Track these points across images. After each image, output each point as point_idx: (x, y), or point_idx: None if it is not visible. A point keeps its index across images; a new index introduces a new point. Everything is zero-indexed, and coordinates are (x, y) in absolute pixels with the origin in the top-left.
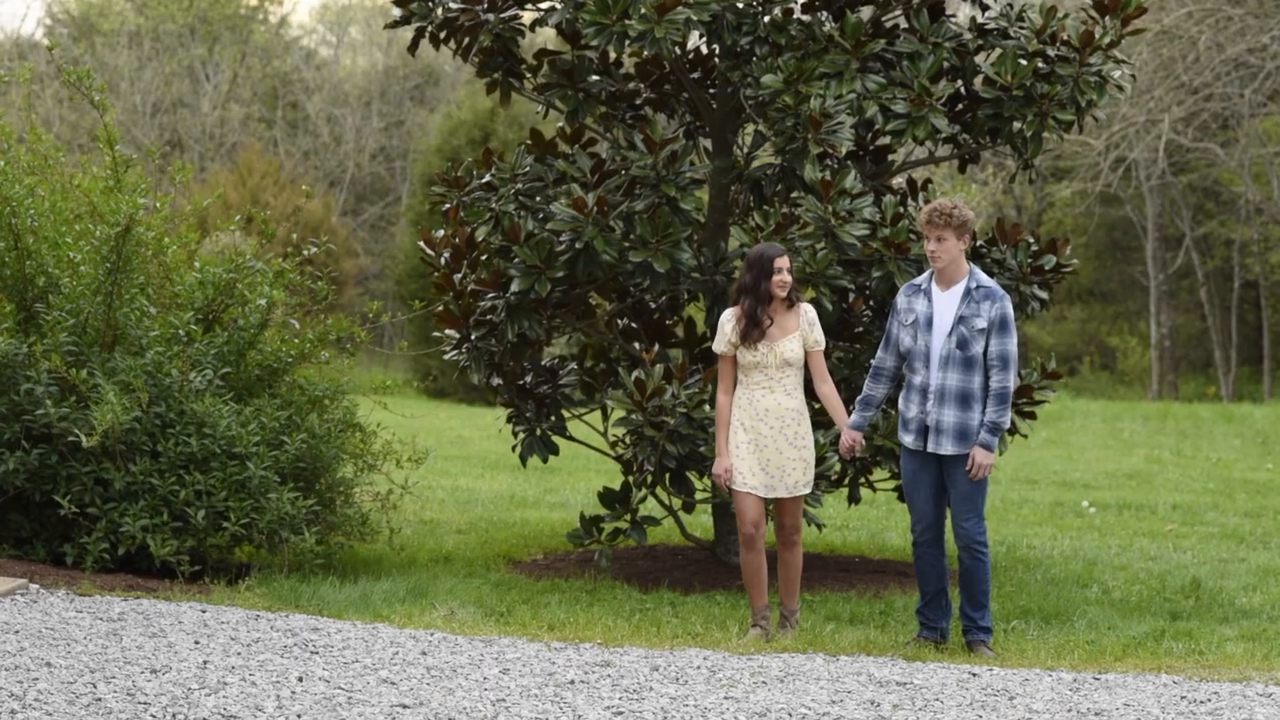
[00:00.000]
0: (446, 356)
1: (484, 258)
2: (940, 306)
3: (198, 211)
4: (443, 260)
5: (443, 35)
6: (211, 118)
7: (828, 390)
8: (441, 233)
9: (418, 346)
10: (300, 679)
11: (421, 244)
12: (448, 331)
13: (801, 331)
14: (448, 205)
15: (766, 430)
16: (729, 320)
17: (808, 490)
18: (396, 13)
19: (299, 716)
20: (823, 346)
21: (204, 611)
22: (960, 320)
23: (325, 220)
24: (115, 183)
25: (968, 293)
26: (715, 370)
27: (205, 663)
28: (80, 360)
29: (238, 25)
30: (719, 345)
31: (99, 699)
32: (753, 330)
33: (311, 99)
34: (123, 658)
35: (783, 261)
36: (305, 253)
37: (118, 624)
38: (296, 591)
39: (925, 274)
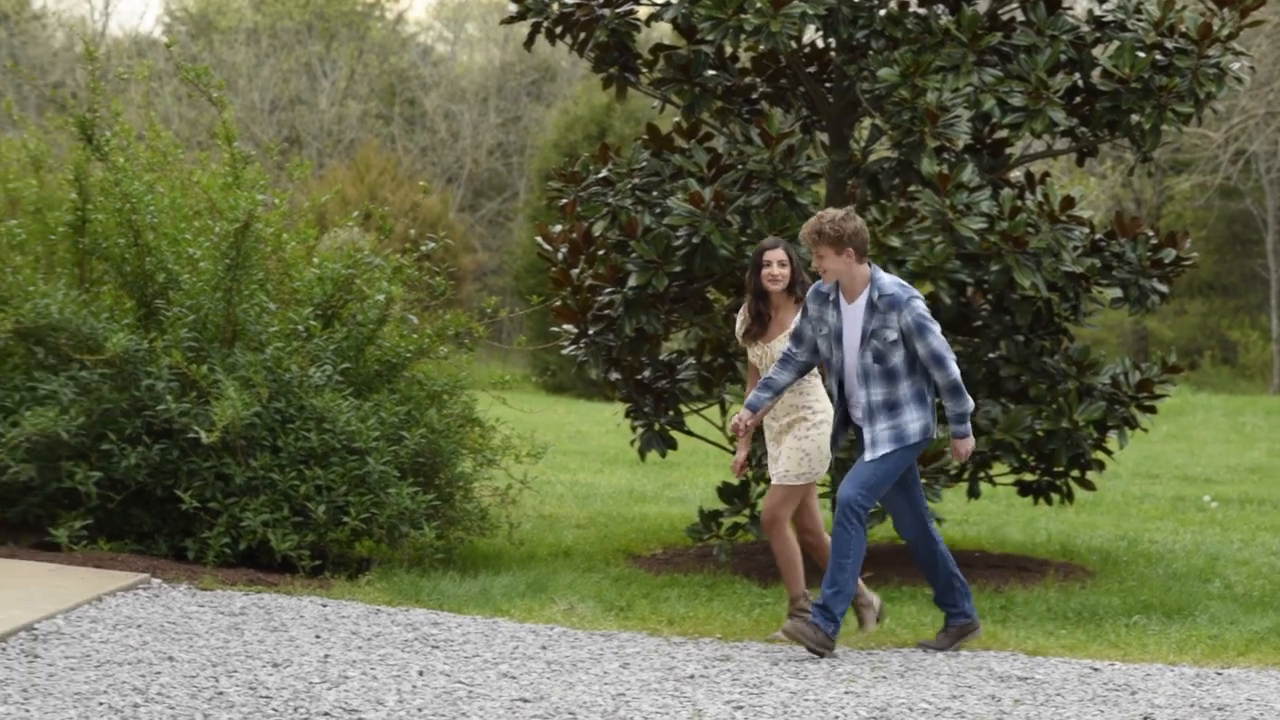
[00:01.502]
0: (564, 351)
1: (601, 253)
2: (848, 320)
3: (316, 207)
4: (560, 255)
5: (559, 30)
6: (329, 114)
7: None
8: (559, 228)
9: (536, 342)
10: (421, 673)
11: (539, 239)
12: (565, 326)
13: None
14: (565, 200)
15: (772, 423)
16: (739, 316)
17: (798, 482)
18: (513, 8)
19: (419, 710)
20: None
21: (325, 606)
22: (871, 335)
23: (443, 216)
24: (234, 179)
25: (871, 305)
26: None
27: (326, 657)
28: (201, 356)
29: (355, 22)
30: (739, 332)
31: (221, 693)
32: (751, 326)
33: (429, 95)
34: (244, 652)
35: (773, 254)
36: (423, 248)
37: (239, 618)
38: (417, 586)
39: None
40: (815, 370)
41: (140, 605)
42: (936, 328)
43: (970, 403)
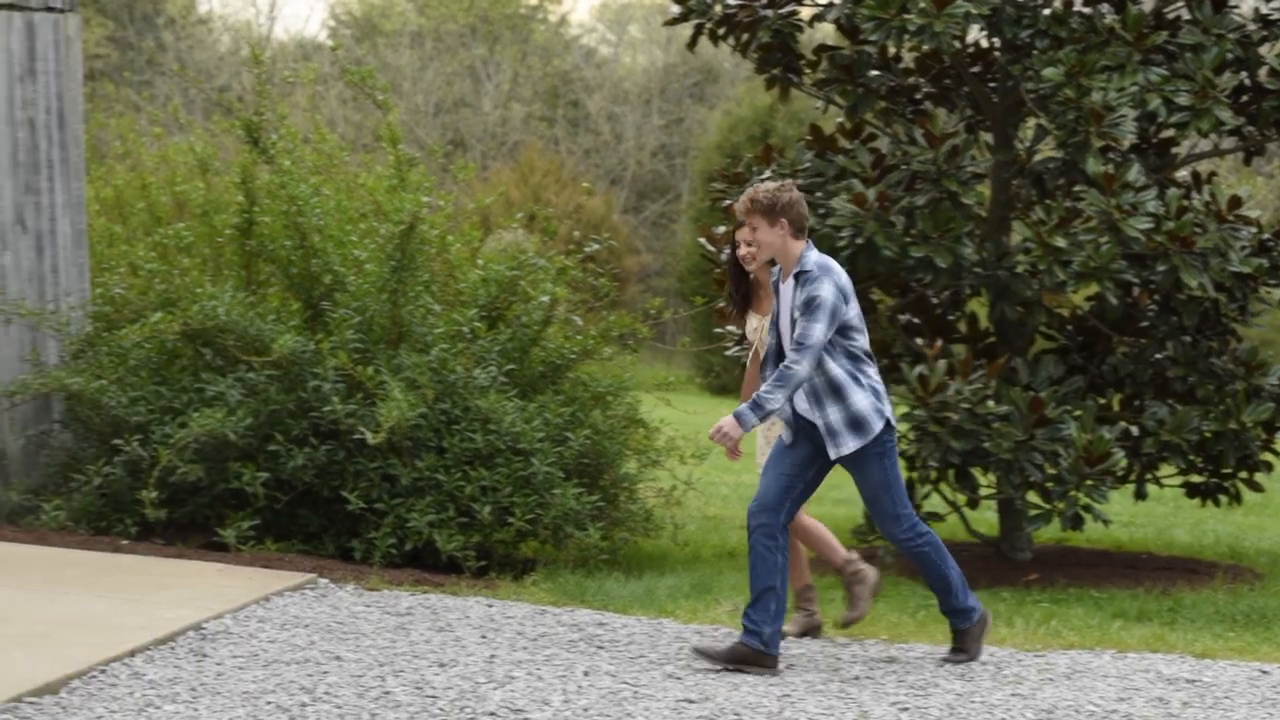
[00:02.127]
0: (729, 353)
1: None
2: (783, 300)
3: (480, 209)
4: (723, 256)
5: (721, 32)
6: (493, 117)
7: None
8: (722, 229)
9: (699, 343)
10: (586, 673)
11: (702, 240)
12: (730, 328)
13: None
14: (728, 202)
15: None
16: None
17: None
18: (676, 10)
19: (585, 710)
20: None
21: (490, 606)
22: (796, 314)
23: (607, 217)
24: (399, 181)
25: (797, 280)
26: (999, 365)
27: (492, 657)
28: (366, 357)
29: (518, 25)
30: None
31: (387, 692)
32: (731, 302)
33: (592, 97)
34: (410, 652)
35: (741, 233)
36: (587, 249)
37: (405, 618)
38: (582, 587)
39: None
40: None
41: (307, 605)
42: (824, 317)
43: (777, 402)
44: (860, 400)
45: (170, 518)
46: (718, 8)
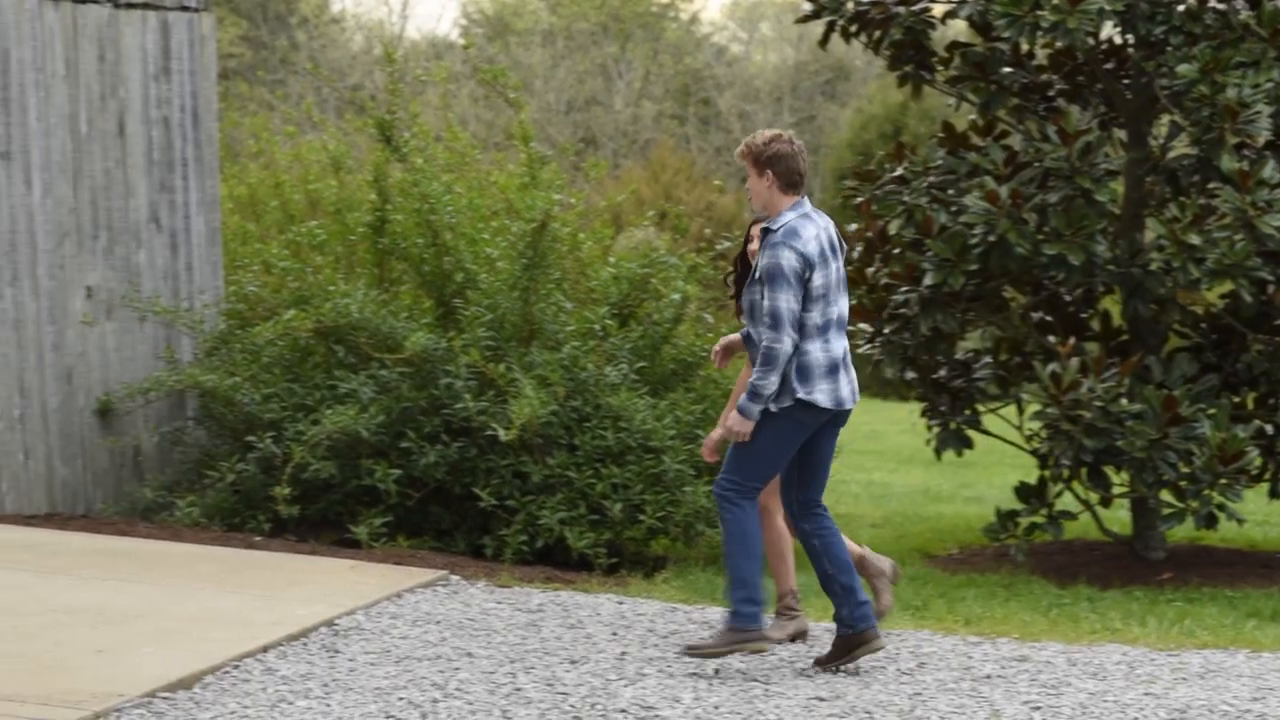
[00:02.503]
0: (859, 351)
1: (897, 251)
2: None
3: (612, 207)
4: (855, 254)
5: (853, 29)
6: (624, 115)
7: None
8: (854, 227)
9: None
10: (717, 671)
11: None
12: (861, 326)
13: None
14: (860, 199)
15: None
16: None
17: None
18: (808, 7)
19: (716, 708)
20: None
21: (621, 604)
22: (757, 273)
23: (738, 215)
24: (531, 179)
25: (763, 238)
26: (1132, 364)
27: (623, 654)
28: (498, 355)
29: (649, 23)
30: None
31: (519, 689)
32: (734, 297)
33: (723, 95)
34: (542, 648)
35: (755, 229)
36: (718, 247)
37: (536, 615)
38: (713, 584)
39: None
40: None
41: (439, 602)
42: (786, 288)
43: (771, 384)
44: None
45: (303, 514)
46: (850, 5)
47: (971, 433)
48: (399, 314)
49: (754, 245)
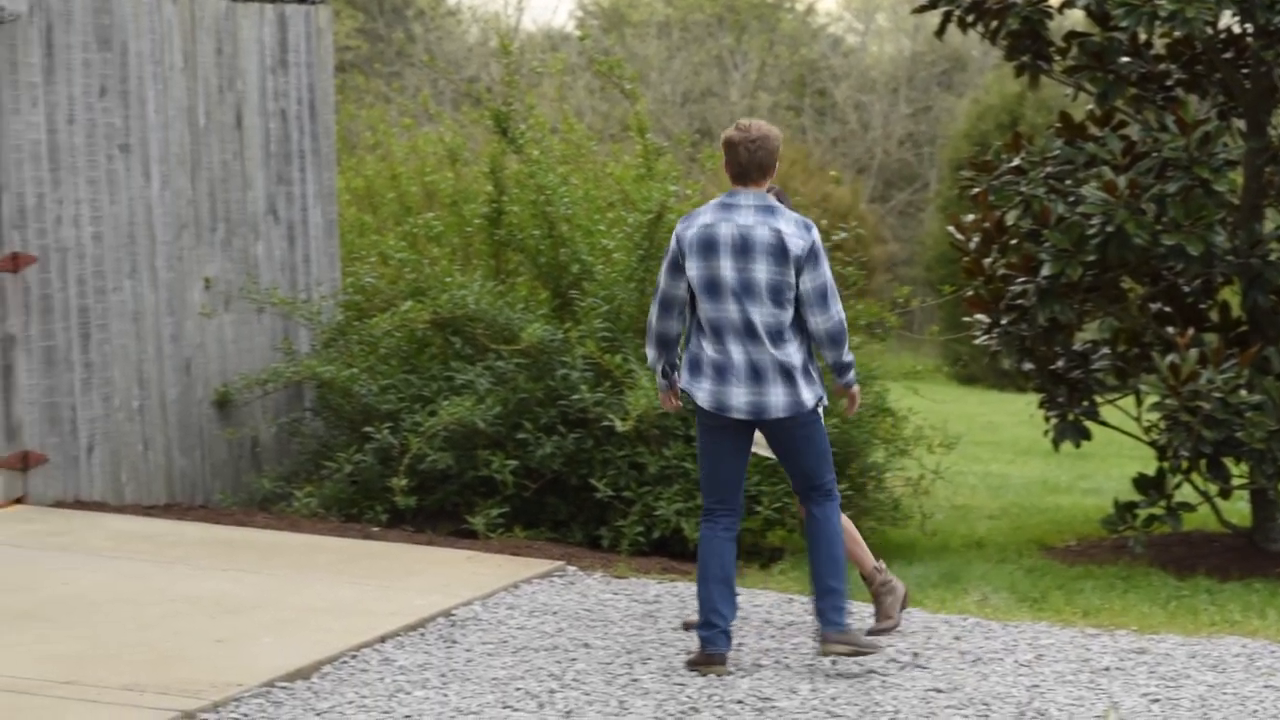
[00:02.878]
0: (977, 341)
1: (1014, 242)
2: None
3: None
4: (972, 245)
5: (970, 19)
6: (740, 106)
7: None
8: (971, 217)
9: (947, 332)
10: (834, 662)
11: (951, 229)
12: (978, 316)
13: None
14: (976, 190)
15: None
16: None
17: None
18: None
19: (833, 699)
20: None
21: (737, 595)
22: None
23: (854, 206)
24: (647, 171)
25: None
26: (1252, 354)
27: (740, 645)
28: (614, 346)
29: (765, 14)
30: None
31: (635, 679)
32: None
33: (839, 86)
34: (659, 639)
35: None
36: (834, 238)
37: (653, 606)
38: None
39: None
40: None
41: (556, 592)
42: (664, 264)
43: (648, 355)
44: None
45: (420, 505)
46: None
47: (1089, 424)
48: (515, 305)
49: None
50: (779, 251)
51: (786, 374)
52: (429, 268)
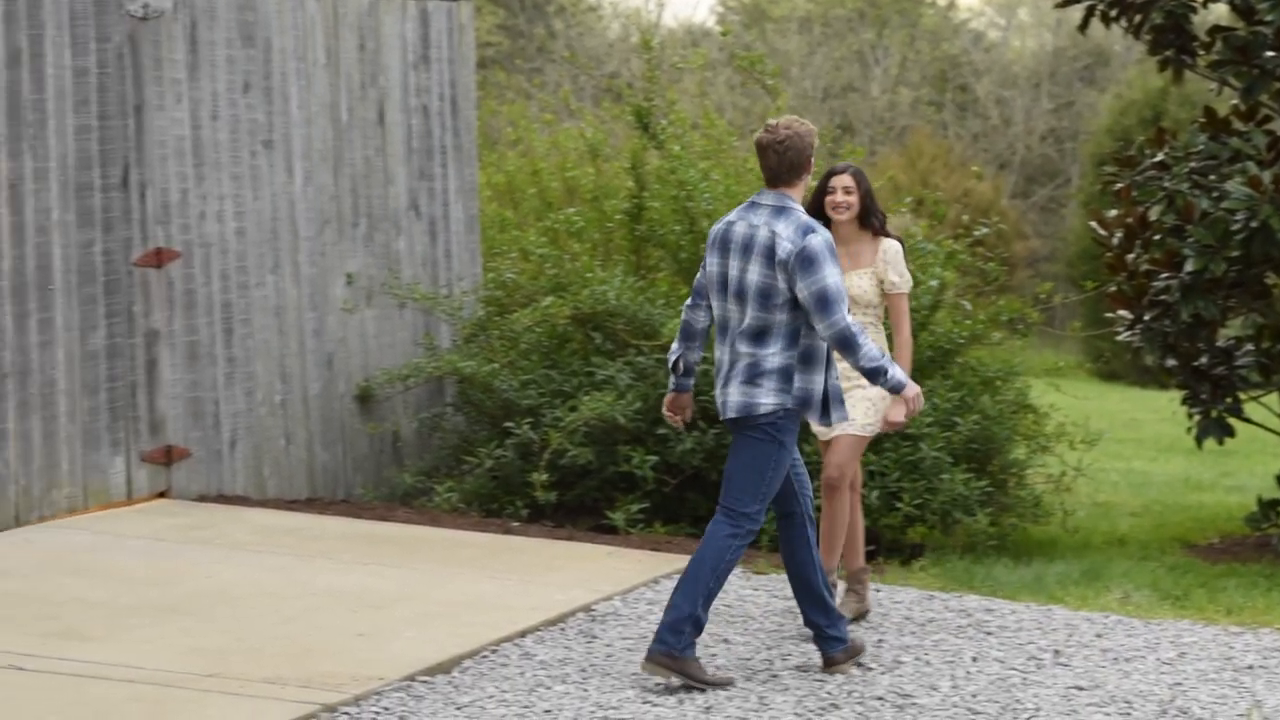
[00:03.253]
0: (1119, 338)
1: (1157, 238)
2: None
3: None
4: (1115, 241)
5: (1113, 14)
6: (881, 101)
7: (901, 340)
8: (1113, 213)
9: (1089, 328)
10: (975, 659)
11: (1093, 225)
12: (1120, 313)
13: (876, 269)
14: (1119, 185)
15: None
16: None
17: (864, 433)
18: None
19: (973, 696)
20: (902, 289)
21: (877, 591)
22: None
23: (995, 202)
24: None
25: None
26: None
27: (880, 642)
28: None
29: (906, 9)
30: None
31: (775, 675)
32: None
33: (980, 81)
34: (798, 635)
35: (839, 180)
36: (976, 234)
37: (792, 602)
38: (970, 572)
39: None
40: (878, 309)
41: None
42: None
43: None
44: None
45: (560, 500)
46: None
47: (1233, 421)
48: (656, 301)
49: (835, 197)
50: (770, 254)
51: (753, 375)
52: (570, 263)
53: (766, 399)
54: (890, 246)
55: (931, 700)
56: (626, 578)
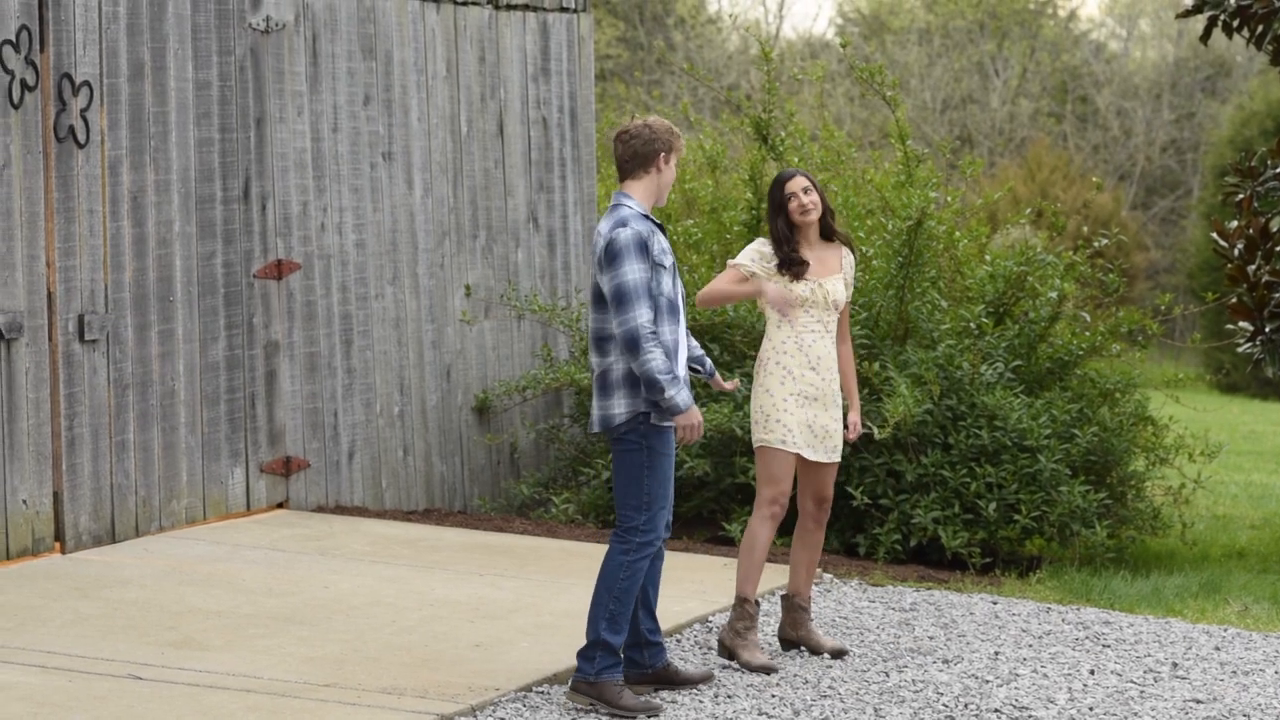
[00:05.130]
0: (1240, 349)
1: (1279, 249)
2: None
3: (988, 205)
4: (1236, 252)
5: (1235, 24)
6: (1001, 113)
7: (846, 351)
8: (1235, 224)
9: (1210, 340)
10: (1092, 672)
11: (1214, 235)
12: (1241, 324)
13: (844, 274)
14: (1241, 196)
15: (819, 381)
16: (764, 245)
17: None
18: (1188, 3)
19: (1090, 709)
20: (847, 301)
21: (995, 603)
22: None
23: (1115, 214)
24: (906, 178)
25: None
26: None
27: (996, 654)
28: (872, 353)
29: (1027, 20)
30: (744, 258)
31: (891, 688)
32: (795, 258)
33: (1101, 92)
34: (915, 648)
35: (796, 182)
36: (1095, 245)
37: (909, 614)
38: (1087, 585)
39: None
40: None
41: (812, 600)
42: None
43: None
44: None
45: (676, 512)
46: (1231, 0)
47: None
48: None
49: (799, 200)
50: (595, 252)
51: (603, 385)
52: (688, 275)
53: (619, 408)
54: (848, 258)
55: (1048, 713)
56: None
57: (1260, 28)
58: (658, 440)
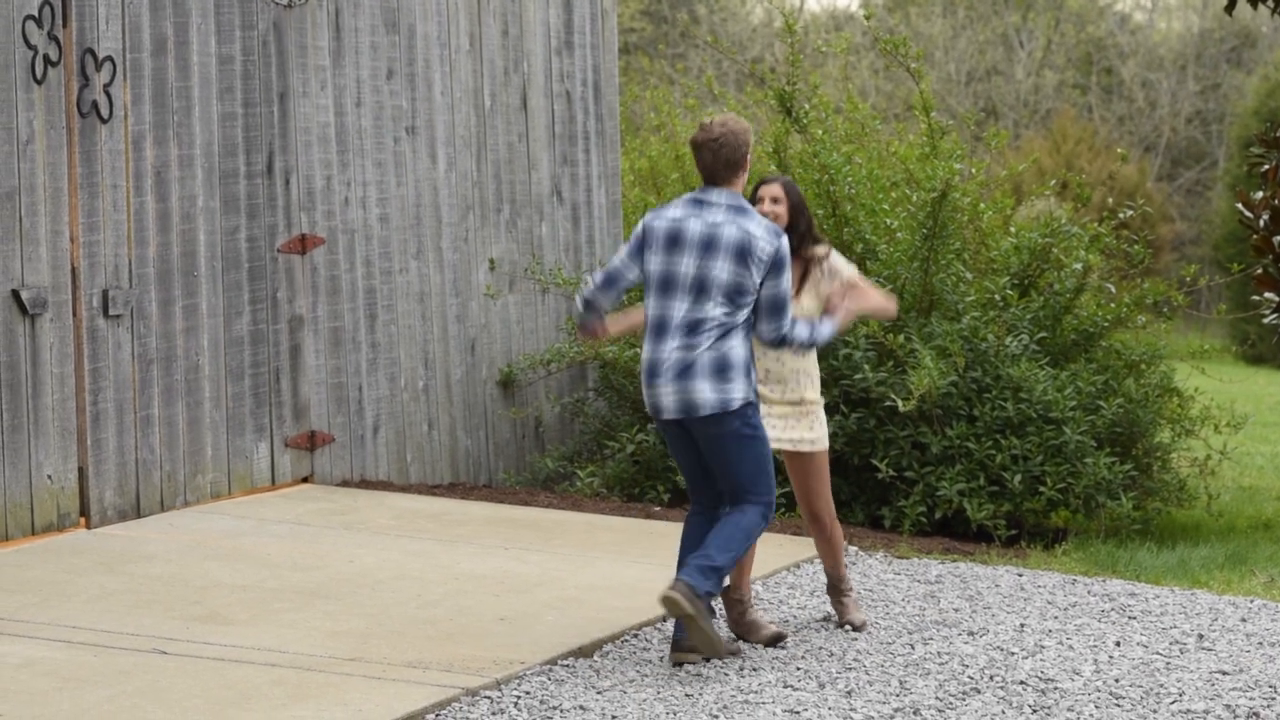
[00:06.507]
0: (1266, 320)
1: None
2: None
3: (1013, 177)
4: (1261, 223)
5: None
6: (1025, 85)
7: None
8: (1260, 195)
9: (1235, 311)
10: (1118, 643)
11: (1239, 206)
12: (1267, 295)
13: (815, 287)
14: (1266, 167)
15: (766, 393)
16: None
17: (813, 449)
18: None
19: (1116, 681)
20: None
21: (1020, 575)
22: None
23: (1140, 185)
24: (931, 149)
25: None
26: None
27: (1022, 626)
28: (897, 325)
29: None
30: None
31: (916, 660)
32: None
33: (1125, 64)
34: (940, 620)
35: (768, 189)
36: (1120, 216)
37: (934, 586)
38: (1113, 556)
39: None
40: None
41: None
42: (620, 253)
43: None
44: None
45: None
46: None
47: None
48: None
49: (762, 207)
50: (744, 252)
51: (720, 370)
52: None
53: (737, 392)
54: (827, 265)
55: (1074, 685)
56: (768, 562)
57: None
58: (759, 418)
